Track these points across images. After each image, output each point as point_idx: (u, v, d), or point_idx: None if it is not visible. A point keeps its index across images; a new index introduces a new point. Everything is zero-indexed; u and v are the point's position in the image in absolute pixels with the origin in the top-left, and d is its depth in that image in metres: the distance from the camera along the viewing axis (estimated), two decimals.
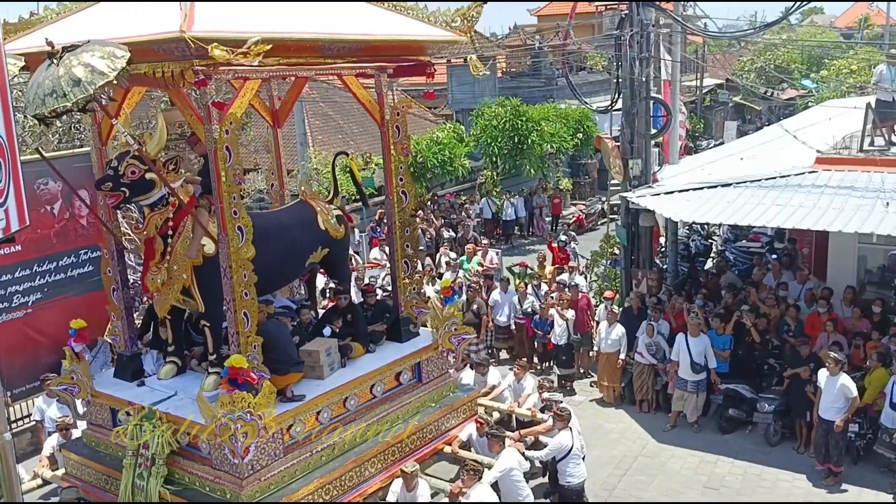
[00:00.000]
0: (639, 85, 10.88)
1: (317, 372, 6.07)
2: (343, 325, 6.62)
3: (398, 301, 6.96)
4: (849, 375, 8.06)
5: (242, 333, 5.46)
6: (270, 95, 7.38)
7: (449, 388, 7.03)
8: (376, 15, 6.19)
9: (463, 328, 7.02)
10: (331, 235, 6.58)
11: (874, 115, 10.37)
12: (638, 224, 11.10)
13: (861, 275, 10.35)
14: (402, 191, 6.81)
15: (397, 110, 6.60)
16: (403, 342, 6.81)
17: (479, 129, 18.77)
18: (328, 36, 5.47)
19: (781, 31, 33.81)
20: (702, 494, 7.87)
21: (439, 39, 6.31)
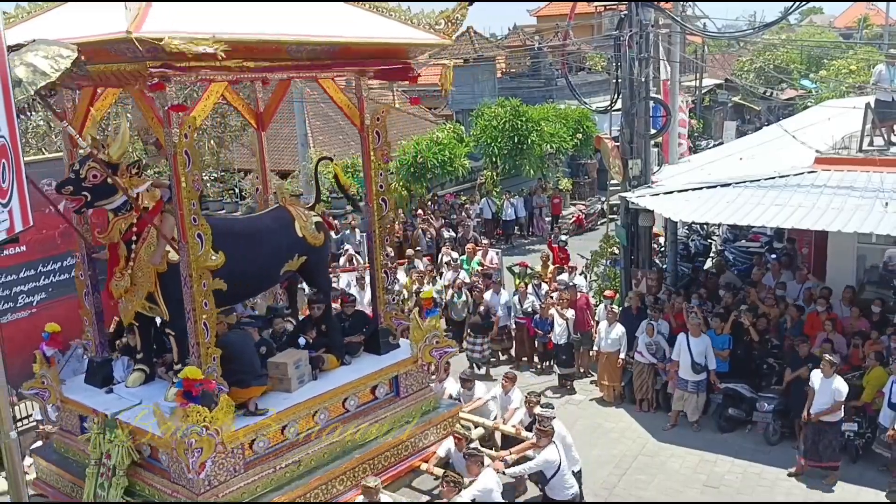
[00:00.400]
0: (638, 85, 10.91)
1: (285, 384, 5.86)
2: (317, 336, 6.38)
3: (377, 311, 6.71)
4: (848, 375, 8.09)
5: (202, 344, 5.27)
6: (255, 98, 7.14)
7: (429, 402, 6.74)
8: (356, 17, 6.02)
9: (445, 341, 6.78)
10: (309, 242, 6.33)
11: (873, 115, 10.39)
12: (637, 224, 11.13)
13: (860, 274, 10.38)
14: (382, 198, 6.64)
15: (377, 115, 6.43)
16: (381, 354, 6.57)
17: (478, 129, 18.80)
18: (293, 38, 5.25)
19: (780, 31, 33.84)
20: (701, 493, 7.90)
21: (421, 43, 6.12)
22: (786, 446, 8.57)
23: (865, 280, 10.38)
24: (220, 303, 5.65)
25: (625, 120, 11.21)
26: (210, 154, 16.75)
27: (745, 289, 10.38)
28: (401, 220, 15.96)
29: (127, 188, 5.45)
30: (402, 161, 17.51)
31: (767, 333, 9.20)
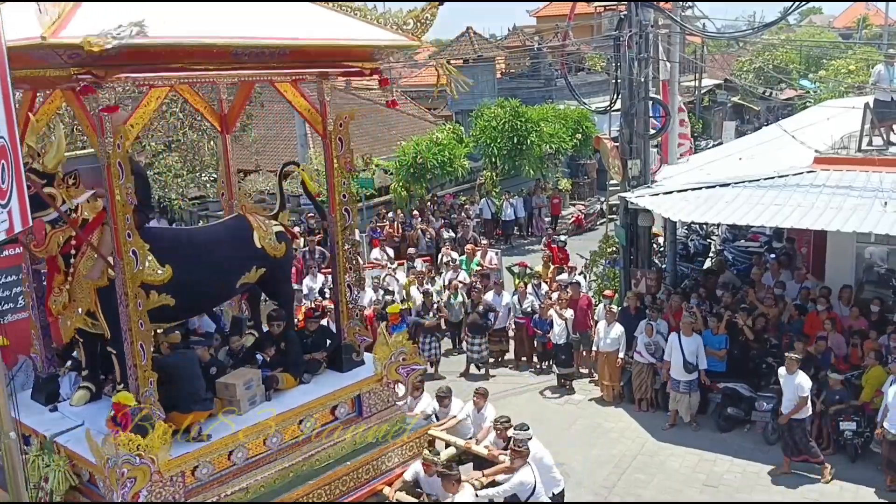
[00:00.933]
0: (637, 85, 10.92)
1: (234, 406, 5.56)
2: (276, 354, 6.07)
3: (340, 327, 6.33)
4: (847, 374, 8.10)
5: (139, 367, 4.97)
6: (219, 100, 6.79)
7: (395, 422, 6.37)
8: (318, 17, 5.71)
9: (413, 358, 6.41)
10: (268, 253, 5.99)
11: (872, 114, 10.41)
12: (637, 224, 11.14)
13: (859, 274, 10.40)
14: (346, 208, 6.23)
15: (340, 121, 6.09)
16: (344, 372, 6.21)
17: (478, 129, 18.82)
18: (238, 40, 4.93)
19: (780, 31, 33.86)
20: (700, 493, 7.91)
21: (386, 44, 5.78)
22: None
23: (864, 280, 10.40)
24: (169, 318, 5.42)
25: (624, 120, 11.23)
26: (209, 154, 16.75)
27: (744, 288, 10.40)
28: (400, 221, 15.98)
29: (57, 200, 5.06)
30: (402, 161, 17.52)
31: (766, 333, 9.21)
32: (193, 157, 16.53)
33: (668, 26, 12.80)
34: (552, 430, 9.33)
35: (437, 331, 11.21)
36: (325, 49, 5.57)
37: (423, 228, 15.43)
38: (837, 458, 8.17)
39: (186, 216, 18.52)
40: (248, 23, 5.18)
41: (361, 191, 17.42)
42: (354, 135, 25.82)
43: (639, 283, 10.95)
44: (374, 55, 5.88)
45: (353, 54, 5.78)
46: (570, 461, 8.59)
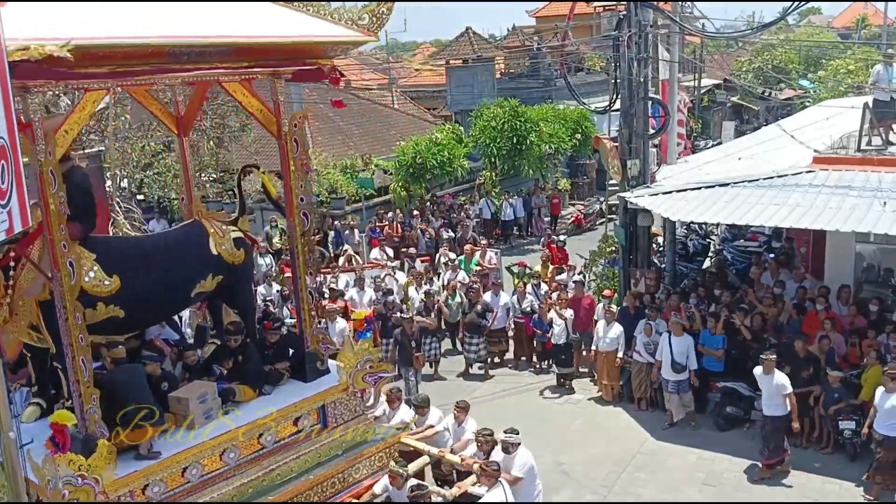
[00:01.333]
0: (637, 85, 10.92)
1: (188, 422, 5.36)
2: (233, 366, 5.83)
3: (304, 335, 6.10)
4: (846, 373, 8.11)
5: (81, 383, 4.74)
6: (175, 101, 6.56)
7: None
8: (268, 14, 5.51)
9: (380, 366, 6.21)
10: (226, 261, 5.77)
11: (871, 114, 10.42)
12: (636, 224, 11.15)
13: (858, 274, 10.41)
14: (304, 212, 5.99)
15: (295, 122, 5.87)
16: (308, 382, 6.00)
17: (477, 129, 18.82)
18: (172, 40, 4.69)
19: (779, 31, 33.84)
20: (700, 491, 7.92)
21: (339, 40, 5.55)
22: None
23: (863, 279, 10.41)
24: (120, 330, 5.25)
25: (623, 120, 11.23)
26: (209, 155, 16.75)
27: (743, 288, 10.41)
28: (399, 221, 15.98)
29: None
30: (402, 161, 17.53)
31: (765, 332, 9.22)
32: (193, 157, 16.51)
33: (667, 26, 12.82)
34: (552, 430, 9.35)
35: (436, 331, 11.21)
36: (272, 47, 5.31)
37: (422, 228, 15.43)
38: (837, 457, 8.18)
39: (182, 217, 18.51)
40: (190, 22, 4.97)
41: (361, 191, 17.44)
42: (355, 135, 25.96)
43: (638, 283, 10.96)
44: (327, 52, 5.66)
45: (305, 51, 5.53)
46: (569, 460, 8.61)
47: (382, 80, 32.30)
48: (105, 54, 4.42)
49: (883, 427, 7.36)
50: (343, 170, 17.88)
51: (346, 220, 16.04)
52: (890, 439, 7.34)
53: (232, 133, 17.36)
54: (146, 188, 15.75)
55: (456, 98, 24.63)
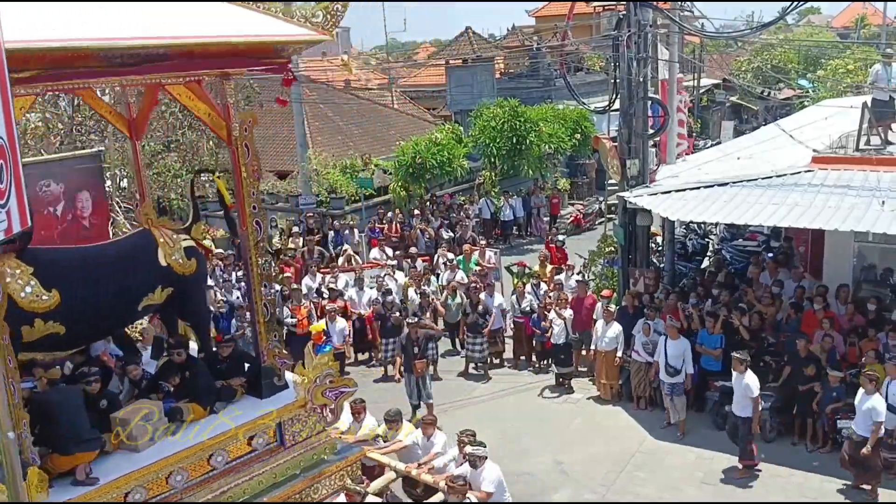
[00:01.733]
0: (636, 85, 10.93)
1: (131, 444, 5.05)
2: (181, 383, 5.53)
3: (259, 349, 5.81)
4: (844, 373, 8.11)
5: (12, 406, 4.36)
6: (127, 104, 6.27)
7: (322, 450, 5.86)
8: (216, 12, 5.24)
9: (341, 380, 5.87)
10: (175, 272, 5.45)
11: (870, 114, 10.43)
12: (635, 224, 11.16)
13: (857, 273, 10.42)
14: (257, 221, 5.67)
15: (245, 125, 5.53)
16: (263, 398, 5.68)
17: (477, 129, 18.83)
18: (100, 43, 4.39)
19: (778, 31, 33.88)
20: (699, 490, 7.94)
21: (289, 39, 5.25)
22: (782, 443, 8.61)
23: (862, 278, 10.42)
24: (60, 347, 5.00)
25: (623, 120, 11.24)
26: (209, 154, 16.76)
27: (742, 287, 10.43)
28: (399, 221, 15.99)
29: None
30: (401, 161, 17.54)
31: (764, 331, 9.23)
32: (192, 157, 16.55)
33: (666, 26, 12.83)
34: (551, 429, 9.37)
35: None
36: (215, 47, 5.00)
37: (421, 228, 15.44)
38: (835, 456, 8.17)
39: (185, 216, 18.53)
40: (127, 22, 4.68)
41: (360, 191, 17.44)
42: (354, 135, 26.01)
43: (637, 283, 10.98)
44: (278, 51, 5.34)
45: (253, 51, 5.21)
46: (568, 459, 8.63)
47: (382, 80, 32.33)
48: (25, 58, 4.10)
49: (861, 428, 7.42)
50: (343, 170, 17.88)
51: (346, 220, 16.05)
52: (858, 438, 7.42)
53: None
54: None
55: (455, 98, 24.64)
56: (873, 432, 7.27)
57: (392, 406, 10.14)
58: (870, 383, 7.33)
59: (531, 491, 8.12)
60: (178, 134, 16.00)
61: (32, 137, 12.51)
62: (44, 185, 8.75)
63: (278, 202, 18.34)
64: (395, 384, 11.09)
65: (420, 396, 9.46)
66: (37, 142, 12.79)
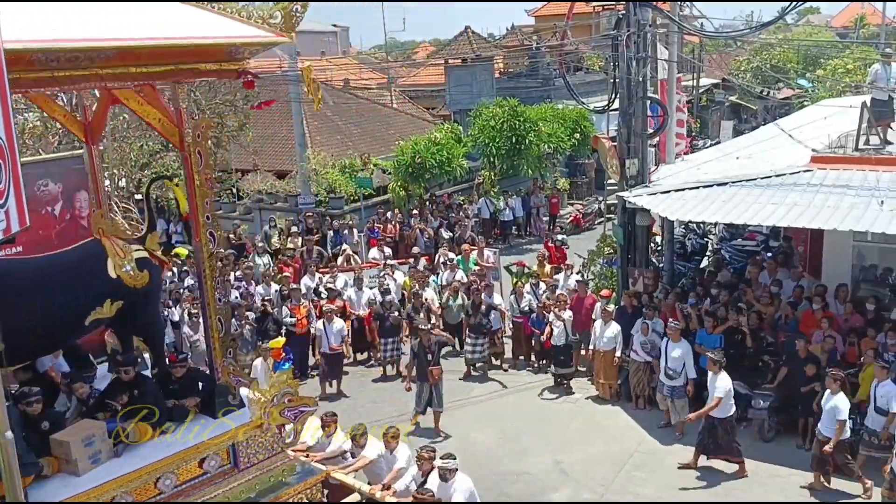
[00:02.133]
0: (636, 85, 10.93)
1: (71, 467, 4.73)
2: (128, 402, 5.23)
3: (213, 365, 5.55)
4: (842, 372, 8.11)
5: None
6: (82, 107, 6.04)
7: (280, 472, 5.61)
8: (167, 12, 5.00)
9: (300, 398, 5.56)
10: (126, 284, 5.18)
11: (869, 114, 10.44)
12: (634, 223, 11.16)
13: (856, 273, 10.43)
14: (211, 232, 5.38)
15: (199, 131, 5.27)
16: (217, 418, 5.41)
17: (476, 129, 18.83)
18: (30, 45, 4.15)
19: (777, 30, 33.91)
20: (697, 489, 7.95)
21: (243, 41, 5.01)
22: (781, 443, 8.61)
23: (861, 278, 10.43)
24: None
25: (622, 120, 11.24)
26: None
27: (741, 287, 10.43)
28: (398, 221, 15.98)
29: None
30: (400, 161, 17.54)
31: (762, 331, 9.24)
32: None
33: (665, 26, 12.82)
34: (550, 429, 9.37)
35: None
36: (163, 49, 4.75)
37: (421, 228, 15.43)
38: None
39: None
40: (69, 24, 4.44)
41: (360, 190, 17.44)
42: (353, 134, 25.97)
43: (636, 283, 10.98)
44: (232, 54, 5.06)
45: (203, 54, 4.96)
46: (568, 459, 8.64)
47: (381, 80, 32.31)
48: None
49: (825, 428, 7.49)
50: (342, 169, 17.88)
51: (345, 220, 16.04)
52: (823, 437, 7.49)
53: (230, 133, 17.35)
54: (144, 188, 15.76)
55: (455, 97, 24.62)
56: (837, 430, 7.36)
57: (391, 406, 10.27)
58: (834, 383, 7.45)
59: (530, 490, 8.13)
60: None
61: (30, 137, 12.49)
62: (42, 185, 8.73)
63: (277, 202, 18.33)
64: (394, 384, 11.09)
65: (431, 403, 9.23)
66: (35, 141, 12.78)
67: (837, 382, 7.45)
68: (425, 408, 9.33)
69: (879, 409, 7.47)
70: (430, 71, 31.09)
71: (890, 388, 7.42)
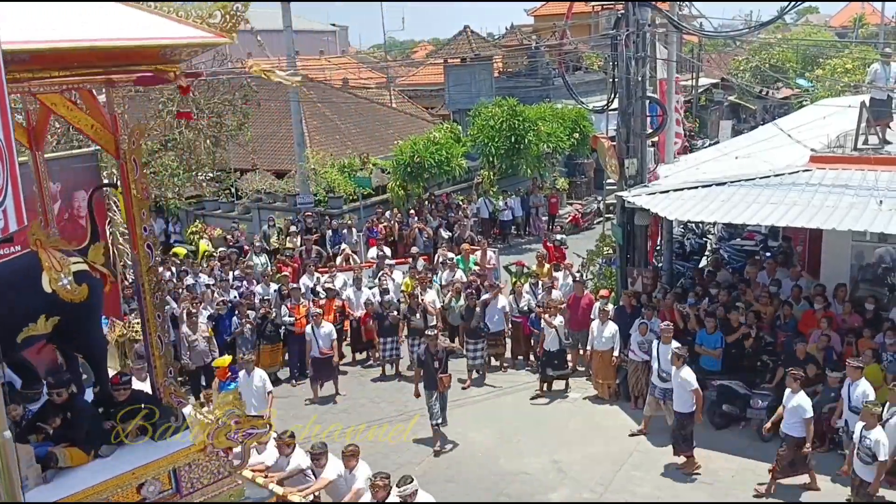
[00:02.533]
0: (635, 84, 10.93)
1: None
2: (60, 425, 4.95)
3: (155, 385, 5.31)
4: (840, 373, 8.13)
5: None
6: (26, 111, 5.81)
7: (227, 497, 5.36)
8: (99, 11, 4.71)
9: (248, 420, 5.24)
10: (63, 299, 4.88)
11: (868, 113, 10.45)
12: (633, 223, 11.16)
13: (854, 272, 10.44)
14: (148, 244, 5.08)
15: (133, 138, 4.97)
16: (158, 441, 5.14)
17: (475, 129, 18.83)
18: None
19: (776, 30, 33.95)
20: (695, 489, 7.95)
21: (178, 42, 4.76)
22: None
23: (859, 278, 10.44)
24: None
25: (621, 119, 11.24)
26: (206, 153, 16.74)
27: (739, 287, 10.44)
28: (397, 220, 15.98)
29: None
30: (399, 160, 17.53)
31: (761, 331, 9.24)
32: (190, 156, 16.53)
33: (664, 25, 12.82)
34: (548, 429, 9.37)
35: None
36: (87, 52, 4.41)
37: (420, 228, 15.43)
38: (832, 456, 8.19)
39: (183, 215, 18.51)
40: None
41: (359, 190, 17.43)
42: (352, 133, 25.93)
43: (635, 282, 10.98)
44: (166, 55, 4.81)
45: (133, 56, 4.67)
46: (566, 458, 8.64)
47: (380, 79, 32.30)
48: None
49: (786, 426, 7.53)
50: (341, 169, 17.87)
51: (344, 220, 16.04)
52: (791, 438, 7.52)
53: (229, 132, 17.35)
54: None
55: (454, 97, 24.61)
56: (808, 429, 7.41)
57: (390, 405, 10.27)
58: (794, 382, 7.52)
59: (529, 490, 8.13)
60: (175, 133, 15.97)
61: None
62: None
63: (276, 201, 18.32)
64: (393, 383, 11.09)
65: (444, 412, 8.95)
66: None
67: (798, 382, 7.53)
68: (442, 418, 8.98)
69: (854, 409, 7.47)
70: (429, 70, 31.09)
71: (865, 388, 7.42)
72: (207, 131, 16.52)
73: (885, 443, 6.61)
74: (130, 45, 4.58)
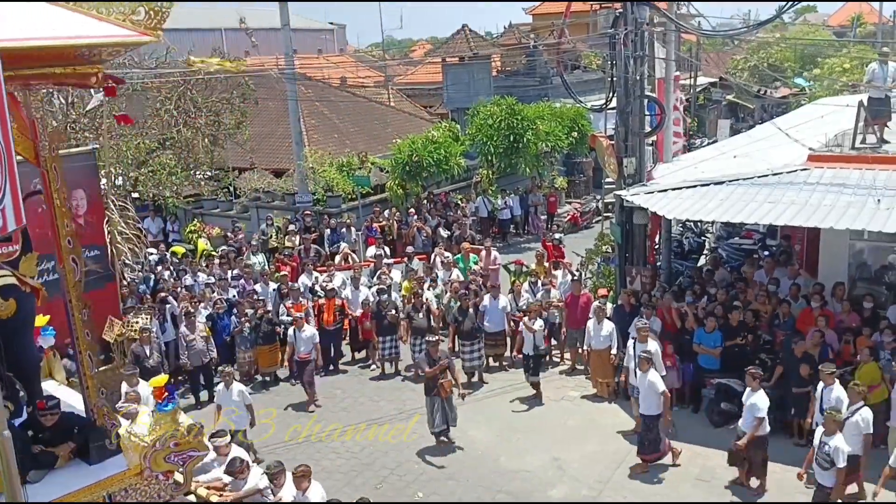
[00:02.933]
0: (633, 83, 10.94)
1: None
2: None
3: (88, 406, 4.98)
4: (840, 370, 8.15)
5: None
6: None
7: None
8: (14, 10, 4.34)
9: (188, 442, 4.92)
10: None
11: (866, 112, 10.46)
12: (632, 222, 11.17)
13: (852, 271, 10.46)
14: (74, 257, 4.78)
15: (53, 145, 4.66)
16: (92, 464, 4.85)
17: (474, 127, 18.82)
18: None
19: (774, 29, 34.00)
20: (694, 487, 7.96)
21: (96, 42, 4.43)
22: (778, 441, 8.61)
23: (857, 276, 10.46)
24: None
25: (620, 118, 11.25)
26: (204, 152, 16.71)
27: (738, 286, 10.46)
28: (396, 219, 15.98)
29: None
30: (398, 159, 17.53)
31: (759, 329, 9.26)
32: (188, 155, 16.51)
33: (663, 24, 12.83)
34: (547, 427, 9.39)
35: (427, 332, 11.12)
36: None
37: (419, 226, 15.43)
38: None
39: (181, 214, 18.49)
40: None
41: (357, 189, 17.42)
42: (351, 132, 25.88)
43: (634, 281, 11.00)
44: (85, 56, 4.52)
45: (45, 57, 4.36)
46: (565, 457, 8.66)
47: (378, 78, 32.27)
48: None
49: (744, 424, 7.58)
50: (339, 168, 17.85)
51: (343, 219, 16.03)
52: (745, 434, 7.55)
53: (227, 130, 17.32)
54: (141, 186, 15.74)
55: (452, 96, 24.60)
56: (754, 427, 7.45)
57: (390, 404, 10.27)
58: (754, 381, 7.57)
59: (528, 488, 8.14)
60: (173, 132, 15.95)
61: None
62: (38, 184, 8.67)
63: (274, 200, 18.31)
64: (392, 382, 11.10)
65: (447, 419, 8.86)
66: None
67: (757, 380, 7.59)
68: (446, 425, 8.90)
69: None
70: (427, 69, 31.06)
71: (839, 394, 7.38)
72: (205, 130, 16.50)
73: (844, 450, 6.60)
74: (41, 46, 4.20)
